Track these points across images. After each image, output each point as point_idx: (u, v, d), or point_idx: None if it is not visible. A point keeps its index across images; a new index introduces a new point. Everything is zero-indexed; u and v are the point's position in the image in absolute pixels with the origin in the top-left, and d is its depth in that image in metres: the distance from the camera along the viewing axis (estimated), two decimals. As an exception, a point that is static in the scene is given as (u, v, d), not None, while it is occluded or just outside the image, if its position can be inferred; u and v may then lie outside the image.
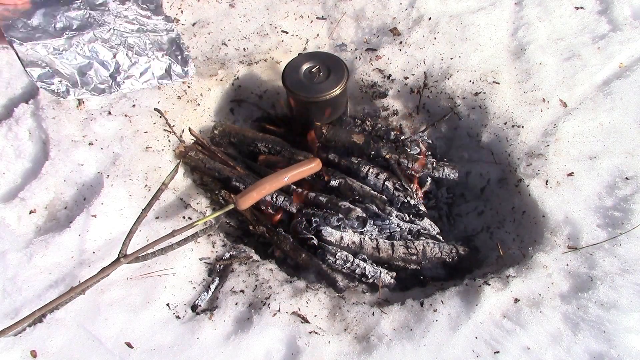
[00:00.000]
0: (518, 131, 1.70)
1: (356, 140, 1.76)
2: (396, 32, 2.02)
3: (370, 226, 1.64)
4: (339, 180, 1.69)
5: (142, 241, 1.48)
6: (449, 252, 1.61)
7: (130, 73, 1.20)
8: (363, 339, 1.36)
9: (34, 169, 1.70)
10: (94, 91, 1.14)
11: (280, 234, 1.63)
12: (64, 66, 1.11)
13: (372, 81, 1.97)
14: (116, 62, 1.19)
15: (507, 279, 1.41)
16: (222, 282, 1.51)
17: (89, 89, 1.13)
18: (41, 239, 1.49)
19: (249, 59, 2.00)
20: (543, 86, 1.79)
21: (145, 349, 1.33)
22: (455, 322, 1.34)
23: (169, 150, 1.78)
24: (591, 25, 1.95)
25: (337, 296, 1.52)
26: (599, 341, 1.24)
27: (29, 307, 1.35)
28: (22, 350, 1.30)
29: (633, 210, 1.44)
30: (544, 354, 1.25)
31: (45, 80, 1.08)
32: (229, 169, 1.77)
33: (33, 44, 1.07)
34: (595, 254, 1.40)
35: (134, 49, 1.21)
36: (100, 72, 1.16)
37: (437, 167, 1.76)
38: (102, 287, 1.42)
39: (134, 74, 1.21)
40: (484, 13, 1.99)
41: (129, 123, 1.75)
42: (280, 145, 1.82)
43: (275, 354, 1.33)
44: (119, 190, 1.60)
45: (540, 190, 1.56)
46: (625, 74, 1.78)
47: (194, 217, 1.63)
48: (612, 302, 1.29)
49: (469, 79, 1.86)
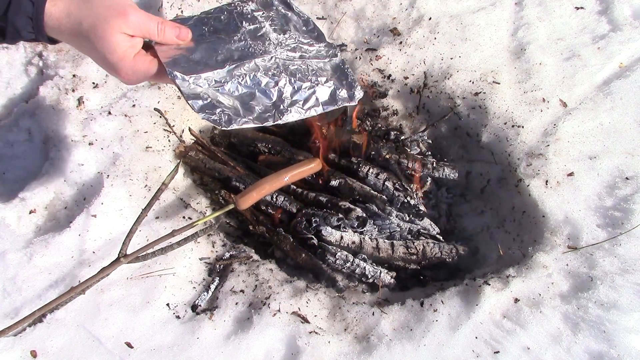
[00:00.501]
0: (518, 131, 1.70)
1: (356, 140, 1.77)
2: (396, 32, 2.02)
3: (370, 226, 1.64)
4: (339, 180, 1.69)
5: (142, 241, 1.48)
6: (449, 252, 1.61)
7: (294, 100, 1.13)
8: (363, 339, 1.36)
9: (34, 169, 1.70)
10: (257, 120, 1.08)
11: (280, 234, 1.63)
12: (226, 97, 1.07)
13: (372, 81, 1.97)
14: (279, 90, 1.12)
15: (507, 279, 1.41)
16: (222, 282, 1.51)
17: (252, 118, 1.08)
18: (41, 239, 1.49)
19: (249, 59, 2.00)
20: (543, 86, 1.79)
21: (145, 349, 1.33)
22: (455, 322, 1.34)
23: (169, 150, 1.78)
24: (591, 25, 1.95)
25: (337, 296, 1.52)
26: (599, 341, 1.24)
27: (29, 307, 1.35)
28: (22, 350, 1.30)
29: (633, 210, 1.44)
30: (544, 354, 1.25)
31: (207, 111, 1.04)
32: (229, 169, 1.77)
33: (195, 78, 1.04)
34: (595, 254, 1.40)
35: (296, 76, 1.15)
36: (263, 101, 1.10)
37: (437, 167, 1.76)
38: (102, 287, 1.42)
39: (297, 100, 1.13)
40: (484, 13, 1.99)
41: (129, 123, 1.75)
42: (280, 145, 1.82)
43: (275, 354, 1.33)
44: (119, 190, 1.60)
45: (540, 190, 1.56)
46: (625, 74, 1.78)
47: (194, 217, 1.63)
48: (612, 302, 1.29)
49: (469, 79, 1.86)
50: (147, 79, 1.06)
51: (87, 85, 1.83)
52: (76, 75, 1.85)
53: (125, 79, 1.03)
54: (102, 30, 0.95)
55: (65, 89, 1.81)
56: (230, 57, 1.11)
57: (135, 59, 1.00)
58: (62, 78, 1.84)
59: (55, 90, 1.81)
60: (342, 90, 1.19)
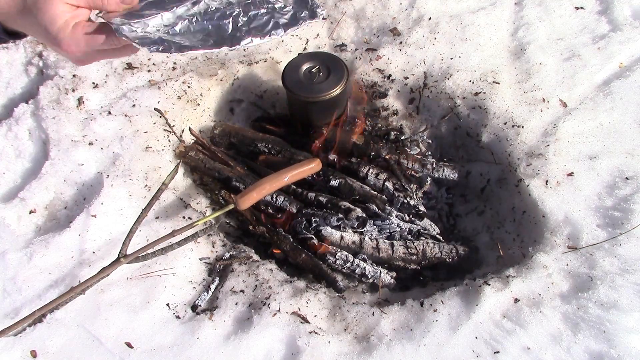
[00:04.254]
0: (518, 131, 1.70)
1: (356, 140, 1.77)
2: (396, 32, 2.02)
3: (370, 226, 1.64)
4: (339, 180, 1.69)
5: (142, 241, 1.48)
6: (449, 252, 1.61)
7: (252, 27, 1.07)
8: (363, 339, 1.36)
9: (34, 169, 1.70)
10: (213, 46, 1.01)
11: (280, 234, 1.63)
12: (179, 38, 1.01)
13: (372, 81, 1.97)
14: (233, 22, 1.06)
15: (507, 279, 1.41)
16: (222, 282, 1.51)
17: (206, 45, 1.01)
18: (41, 239, 1.49)
19: (249, 59, 2.00)
20: (543, 86, 1.79)
21: (145, 349, 1.33)
22: (455, 322, 1.34)
23: (169, 150, 1.78)
24: (591, 25, 1.95)
25: (337, 296, 1.52)
26: (599, 341, 1.24)
27: (29, 307, 1.35)
28: (22, 350, 1.30)
29: (633, 210, 1.44)
30: (544, 354, 1.25)
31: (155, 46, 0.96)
32: (229, 169, 1.77)
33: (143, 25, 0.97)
34: (595, 254, 1.40)
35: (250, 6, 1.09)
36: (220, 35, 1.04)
37: (437, 167, 1.76)
38: (102, 287, 1.42)
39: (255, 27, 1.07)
40: (484, 13, 1.99)
41: (129, 123, 1.75)
42: (280, 145, 1.82)
43: (275, 354, 1.33)
44: (119, 190, 1.60)
45: (540, 190, 1.56)
46: (625, 74, 1.78)
47: (194, 217, 1.64)
48: (612, 302, 1.29)
49: (469, 79, 1.86)
50: (93, 51, 0.98)
51: (87, 85, 1.83)
52: (76, 75, 1.85)
53: (69, 51, 0.96)
54: (43, 1, 0.91)
55: (65, 89, 1.81)
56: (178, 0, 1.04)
57: (76, 27, 0.94)
58: (62, 78, 1.85)
59: (55, 90, 1.81)
60: (304, 12, 1.13)
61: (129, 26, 0.96)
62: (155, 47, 0.96)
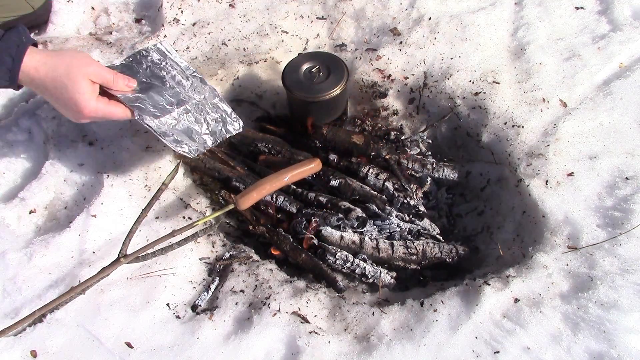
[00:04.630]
0: (518, 131, 1.70)
1: (356, 140, 1.77)
2: (396, 32, 2.02)
3: (370, 226, 1.64)
4: (339, 180, 1.69)
5: (142, 241, 1.48)
6: (449, 252, 1.61)
7: (212, 130, 1.51)
8: (363, 339, 1.36)
9: (34, 169, 1.70)
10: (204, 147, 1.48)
11: (280, 233, 1.63)
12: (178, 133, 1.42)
13: (372, 81, 1.97)
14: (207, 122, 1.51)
15: (507, 279, 1.41)
16: (222, 282, 1.51)
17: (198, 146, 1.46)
18: (41, 239, 1.49)
19: (249, 59, 2.00)
20: (543, 86, 1.79)
21: (145, 348, 1.33)
22: (455, 322, 1.34)
23: (169, 150, 1.78)
24: (591, 25, 1.95)
25: (337, 296, 1.52)
26: (599, 341, 1.24)
27: (29, 307, 1.35)
28: (22, 350, 1.30)
29: (633, 210, 1.44)
30: (544, 354, 1.25)
31: (177, 145, 1.41)
32: (229, 169, 1.77)
33: (160, 122, 1.39)
34: (595, 254, 1.40)
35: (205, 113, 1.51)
36: (199, 132, 1.48)
37: (437, 167, 1.76)
38: (102, 287, 1.42)
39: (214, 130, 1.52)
40: (484, 13, 1.99)
41: (129, 123, 1.75)
42: (280, 145, 1.82)
43: (275, 354, 1.33)
44: (119, 190, 1.60)
45: (540, 190, 1.56)
46: (625, 74, 1.78)
47: (194, 217, 1.63)
48: (612, 302, 1.29)
49: (469, 78, 1.86)
50: (104, 118, 1.33)
51: (87, 85, 1.83)
52: (76, 75, 1.85)
53: (85, 114, 1.27)
54: (74, 74, 1.23)
55: (65, 89, 1.81)
56: (170, 102, 1.44)
57: (97, 101, 1.29)
58: (62, 78, 1.84)
59: (55, 90, 1.81)
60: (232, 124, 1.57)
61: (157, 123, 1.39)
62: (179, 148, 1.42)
